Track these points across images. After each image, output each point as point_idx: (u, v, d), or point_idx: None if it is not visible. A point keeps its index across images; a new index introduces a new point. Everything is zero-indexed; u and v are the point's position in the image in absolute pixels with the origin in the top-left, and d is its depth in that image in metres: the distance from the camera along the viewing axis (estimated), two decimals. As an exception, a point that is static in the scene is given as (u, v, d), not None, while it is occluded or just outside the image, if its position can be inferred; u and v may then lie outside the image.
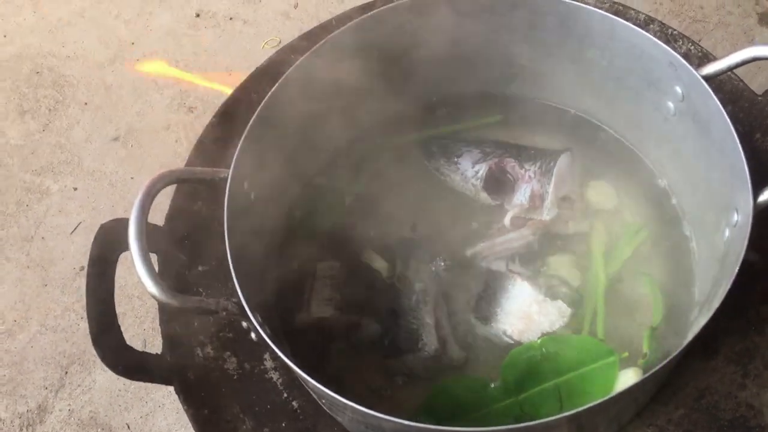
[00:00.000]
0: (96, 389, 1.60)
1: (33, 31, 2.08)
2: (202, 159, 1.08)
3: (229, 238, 0.83)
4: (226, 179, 0.89)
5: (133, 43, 2.04)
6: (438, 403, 0.96)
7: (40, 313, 1.68)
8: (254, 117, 0.91)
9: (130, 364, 0.89)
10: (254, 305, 0.82)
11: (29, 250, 1.75)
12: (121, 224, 0.95)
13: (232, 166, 0.88)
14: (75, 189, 1.83)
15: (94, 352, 1.62)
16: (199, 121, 1.89)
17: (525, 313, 0.96)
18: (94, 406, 1.58)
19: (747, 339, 0.96)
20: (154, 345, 1.63)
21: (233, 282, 0.84)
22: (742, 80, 1.05)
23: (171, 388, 1.60)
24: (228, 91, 1.93)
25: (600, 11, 0.95)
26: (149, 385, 1.58)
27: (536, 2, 0.98)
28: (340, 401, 0.76)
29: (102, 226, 0.94)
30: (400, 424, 0.75)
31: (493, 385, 0.95)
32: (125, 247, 0.94)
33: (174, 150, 1.86)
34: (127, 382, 1.59)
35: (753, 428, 0.90)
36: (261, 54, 1.98)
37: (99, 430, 1.55)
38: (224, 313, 0.81)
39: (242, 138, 0.90)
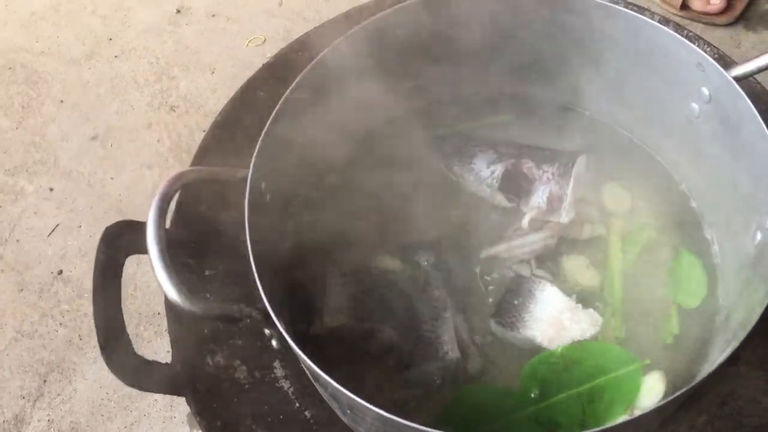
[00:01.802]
0: (77, 398, 1.53)
1: (5, 26, 2.00)
2: (208, 159, 1.04)
3: (251, 242, 0.79)
4: (245, 180, 0.84)
5: (110, 39, 1.98)
6: (457, 412, 0.93)
7: (15, 319, 1.61)
8: (273, 114, 0.87)
9: (139, 374, 0.84)
10: (277, 311, 0.78)
11: (3, 254, 1.68)
12: (127, 227, 0.90)
13: (252, 165, 0.84)
14: (51, 190, 1.76)
15: (74, 359, 1.57)
16: (182, 121, 1.84)
17: (556, 320, 0.94)
18: (75, 416, 1.51)
19: (770, 344, 0.95)
20: (138, 351, 1.57)
21: (250, 290, 0.80)
22: (759, 83, 1.04)
23: (156, 397, 1.55)
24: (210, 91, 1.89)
25: (625, 10, 0.93)
26: (133, 393, 1.52)
27: (558, 1, 0.96)
28: (370, 409, 0.72)
29: (107, 229, 0.89)
30: (423, 431, 0.71)
31: (513, 394, 0.93)
32: (132, 250, 0.90)
33: (156, 150, 1.80)
34: (110, 390, 1.53)
35: (780, 435, 0.89)
36: (245, 52, 1.94)
37: (81, 441, 1.48)
38: (248, 320, 0.76)
39: (261, 136, 0.86)
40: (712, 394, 0.94)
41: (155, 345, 1.55)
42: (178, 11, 2.02)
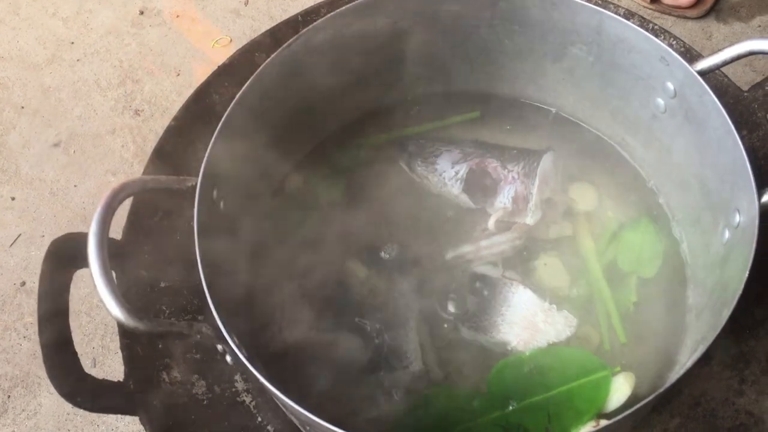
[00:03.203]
0: (42, 413, 1.49)
1: (-38, 30, 1.95)
2: (162, 166, 1.00)
3: (200, 254, 0.76)
4: (194, 188, 0.81)
5: (72, 43, 1.93)
6: (421, 416, 0.90)
7: (-23, 334, 1.56)
8: (223, 120, 0.83)
9: (89, 395, 0.81)
10: (230, 326, 0.75)
11: (-37, 266, 1.63)
12: (75, 239, 0.87)
13: (200, 173, 0.80)
14: (12, 199, 1.72)
15: (39, 373, 1.53)
16: (147, 125, 1.80)
17: (530, 323, 0.91)
18: (40, 431, 1.47)
19: (742, 343, 0.93)
20: (104, 364, 1.53)
21: (205, 303, 0.76)
22: (726, 76, 1.02)
23: (125, 411, 1.50)
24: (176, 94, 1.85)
25: (588, 4, 0.90)
26: (100, 407, 1.49)
27: (520, -5, 0.94)
28: (322, 425, 0.69)
29: (53, 242, 0.85)
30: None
31: (478, 398, 0.90)
32: (80, 264, 0.86)
33: (120, 155, 1.76)
34: (77, 405, 1.49)
35: (754, 437, 0.87)
36: (211, 53, 1.90)
37: (47, 458, 1.44)
38: (198, 337, 0.73)
39: (211, 142, 0.82)
40: (685, 395, 0.92)
41: (111, 363, 1.52)
42: (142, 13, 1.98)
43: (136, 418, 1.49)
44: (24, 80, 1.88)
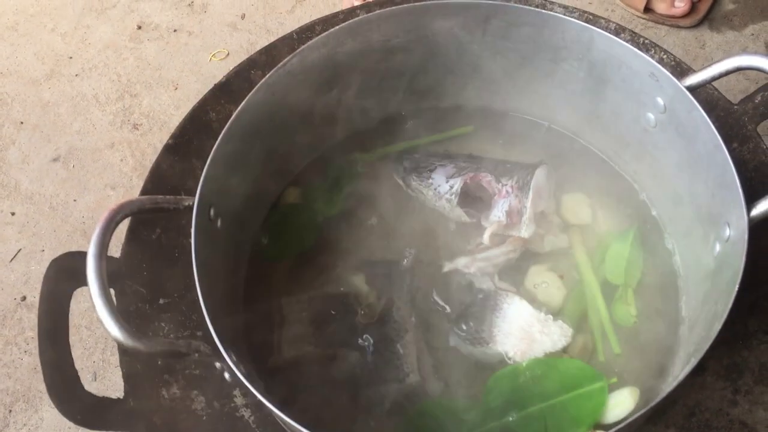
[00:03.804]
0: (43, 428, 1.50)
1: (-39, 47, 1.96)
2: (159, 185, 1.01)
3: (198, 272, 0.77)
4: (191, 207, 0.82)
5: (71, 58, 1.94)
6: (418, 427, 0.91)
7: (-22, 349, 1.57)
8: (219, 139, 0.85)
9: (89, 412, 0.82)
10: (227, 344, 0.76)
11: (-36, 281, 1.64)
12: (75, 258, 0.88)
13: (197, 193, 0.82)
14: (12, 214, 1.73)
15: (40, 388, 1.53)
16: (145, 139, 1.81)
17: (527, 333, 0.92)
18: (41, 446, 1.48)
19: (735, 353, 0.94)
20: (105, 378, 1.54)
21: (204, 319, 0.77)
22: (717, 89, 1.03)
23: (125, 424, 1.51)
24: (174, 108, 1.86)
25: (579, 22, 0.92)
26: (102, 421, 1.49)
27: (511, 13, 0.95)
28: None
29: (53, 261, 0.86)
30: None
31: (474, 410, 0.91)
32: (80, 283, 0.87)
33: (119, 169, 1.77)
34: (77, 419, 1.50)
35: (748, 447, 0.88)
36: (208, 67, 1.92)
37: (48, 472, 1.45)
38: (196, 355, 0.74)
39: (207, 163, 0.84)
40: (679, 405, 0.93)
41: (111, 380, 1.53)
42: (139, 27, 1.99)
43: (137, 433, 1.50)
44: (23, 95, 1.90)
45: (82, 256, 0.88)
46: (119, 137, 1.82)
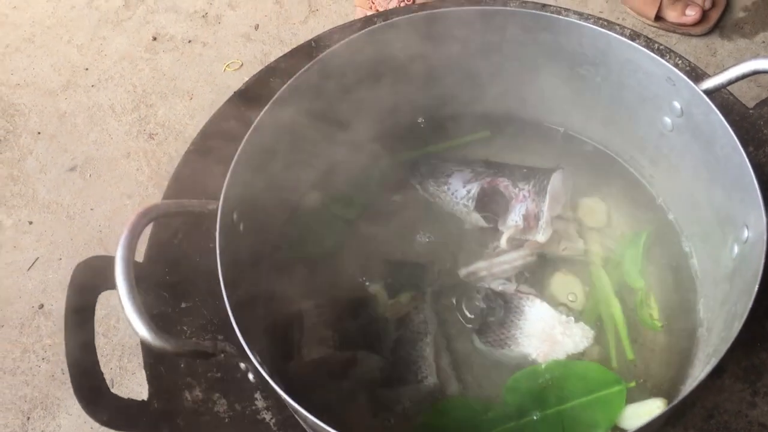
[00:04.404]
0: (61, 435, 1.51)
1: (-22, 59, 1.99)
2: (180, 190, 1.03)
3: (223, 276, 0.78)
4: (215, 211, 0.83)
5: (87, 69, 1.97)
6: (436, 426, 0.92)
7: (-3, 356, 1.59)
8: (241, 146, 0.86)
9: (115, 414, 0.83)
10: (251, 344, 0.77)
11: (-17, 290, 1.66)
12: (99, 263, 0.89)
13: (221, 197, 0.83)
14: (30, 223, 1.75)
15: (57, 395, 1.55)
16: (161, 148, 1.83)
17: (548, 335, 0.93)
18: (59, 453, 1.49)
19: (753, 355, 0.94)
20: (122, 384, 1.56)
21: (225, 323, 0.79)
22: (732, 93, 1.04)
23: (142, 430, 1.52)
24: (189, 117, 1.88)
25: (595, 27, 0.93)
26: (119, 428, 1.51)
27: (527, 20, 0.96)
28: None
29: (78, 266, 0.88)
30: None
31: (494, 408, 0.92)
32: (104, 287, 0.89)
33: (136, 179, 1.79)
34: (95, 425, 1.51)
35: (768, 449, 0.88)
36: (223, 77, 1.94)
37: (66, 479, 1.46)
38: (222, 356, 0.75)
39: (230, 168, 0.85)
40: (698, 407, 0.94)
41: (140, 377, 1.54)
42: (155, 38, 2.02)
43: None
44: (40, 106, 1.93)
45: (105, 261, 0.90)
46: (135, 147, 1.85)
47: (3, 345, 1.60)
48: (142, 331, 0.72)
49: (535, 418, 0.91)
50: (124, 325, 1.58)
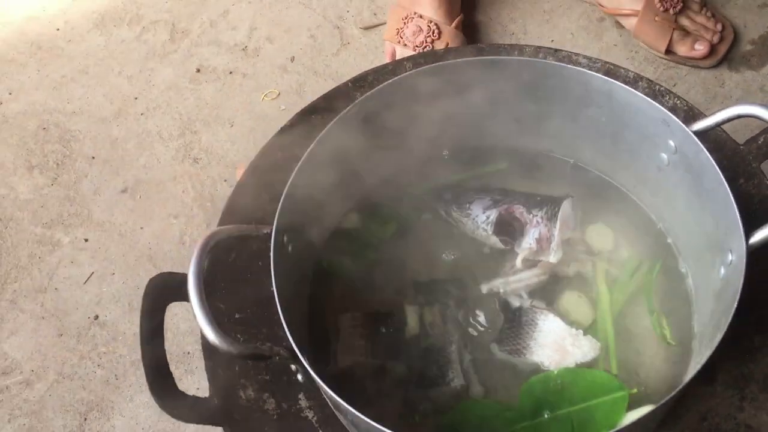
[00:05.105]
0: (115, 435, 1.64)
1: (38, 89, 2.15)
2: (233, 217, 1.17)
3: (277, 289, 0.91)
4: (268, 235, 0.97)
5: (136, 98, 2.11)
6: (459, 423, 1.03)
7: (56, 363, 1.72)
8: (290, 180, 0.99)
9: (183, 408, 0.96)
10: (302, 349, 0.90)
11: (43, 301, 1.80)
12: (167, 278, 1.03)
13: (275, 222, 0.97)
14: (86, 240, 1.88)
15: (112, 398, 1.69)
16: (205, 172, 1.97)
17: (560, 346, 1.05)
18: (113, 451, 1.62)
19: (742, 366, 1.05)
20: (178, 386, 1.68)
21: (273, 332, 0.92)
22: (725, 131, 1.16)
23: (188, 432, 1.65)
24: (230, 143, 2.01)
25: (600, 75, 1.05)
26: (167, 429, 1.64)
27: (540, 67, 1.09)
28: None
29: (151, 281, 1.01)
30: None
31: (511, 409, 1.03)
32: (172, 299, 1.02)
33: (181, 200, 1.93)
34: (146, 426, 1.64)
35: (753, 447, 1.00)
36: (261, 106, 2.07)
37: (120, 475, 1.59)
38: (277, 358, 0.89)
39: (282, 198, 0.98)
40: (692, 412, 1.05)
41: (185, 383, 1.66)
42: (198, 70, 2.16)
43: (201, 437, 1.64)
44: (94, 133, 2.06)
45: (173, 276, 1.04)
46: (181, 170, 1.98)
47: (62, 353, 1.73)
48: (212, 336, 0.85)
49: (547, 417, 1.03)
50: (172, 334, 1.70)
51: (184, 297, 0.99)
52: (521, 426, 1.01)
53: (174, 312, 1.74)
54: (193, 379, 1.65)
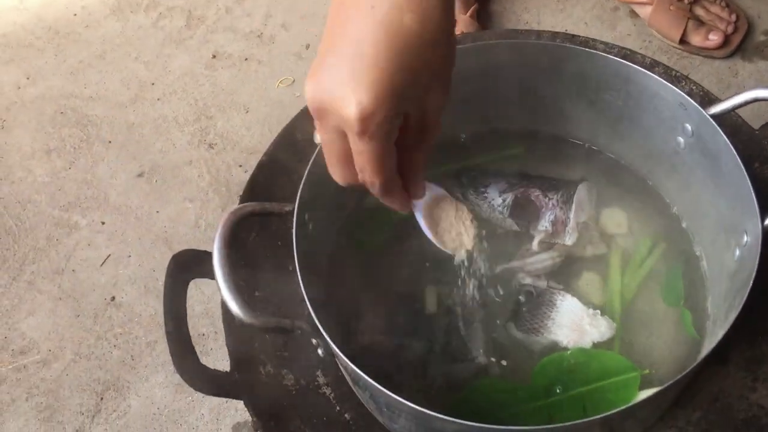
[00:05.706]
0: (131, 414, 1.67)
1: (55, 74, 2.18)
2: (253, 195, 1.18)
3: (299, 266, 0.93)
4: (290, 212, 0.99)
5: (153, 84, 2.14)
6: (470, 402, 1.05)
7: (73, 343, 1.76)
8: (312, 158, 1.00)
9: (205, 381, 0.98)
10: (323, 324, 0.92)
11: (60, 283, 1.83)
12: (191, 255, 1.05)
13: (297, 199, 0.98)
14: (103, 223, 1.92)
15: (128, 378, 1.71)
16: (220, 157, 2.00)
17: (577, 325, 1.07)
18: (129, 430, 1.66)
19: (755, 348, 1.07)
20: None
21: (301, 306, 0.94)
22: (740, 116, 1.18)
23: (203, 412, 1.68)
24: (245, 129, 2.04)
25: (617, 59, 1.07)
26: (182, 408, 1.67)
27: (558, 51, 1.10)
28: (406, 405, 0.85)
29: (174, 256, 1.04)
30: (460, 424, 0.84)
31: (525, 388, 1.05)
32: (195, 275, 1.05)
33: (197, 184, 1.96)
34: (161, 405, 1.67)
35: (765, 426, 1.01)
36: (276, 92, 2.10)
37: (136, 453, 1.62)
38: (299, 332, 0.90)
39: (304, 177, 1.00)
40: (705, 392, 1.06)
41: (203, 362, 1.69)
42: (214, 56, 2.19)
43: (214, 417, 1.67)
44: (111, 118, 2.10)
45: (196, 252, 1.06)
46: (196, 155, 2.01)
47: (79, 333, 1.77)
48: (236, 309, 0.87)
49: (560, 396, 1.05)
50: (189, 315, 1.74)
51: (207, 274, 1.02)
52: (534, 405, 1.03)
53: (190, 295, 1.76)
54: (208, 360, 1.68)
